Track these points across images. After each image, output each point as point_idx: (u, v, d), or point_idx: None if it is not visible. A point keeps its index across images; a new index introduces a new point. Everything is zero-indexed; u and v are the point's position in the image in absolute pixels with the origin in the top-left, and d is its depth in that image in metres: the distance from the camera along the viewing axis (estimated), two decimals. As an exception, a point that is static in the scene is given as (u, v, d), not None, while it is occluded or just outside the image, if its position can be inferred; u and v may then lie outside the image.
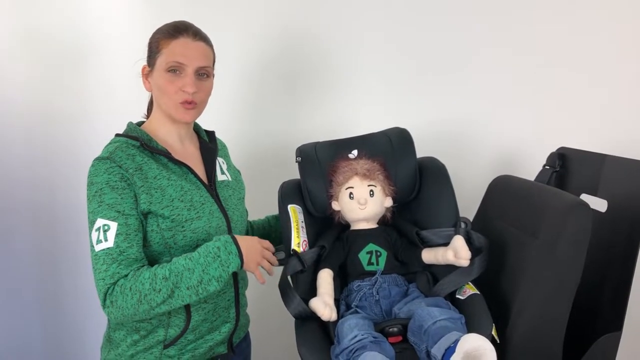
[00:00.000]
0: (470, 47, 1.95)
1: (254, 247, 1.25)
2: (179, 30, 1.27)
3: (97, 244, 1.18)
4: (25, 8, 1.92)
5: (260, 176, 1.71)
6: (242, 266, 1.21)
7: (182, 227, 1.25)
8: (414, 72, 1.97)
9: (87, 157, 1.90)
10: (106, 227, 1.18)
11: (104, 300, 1.18)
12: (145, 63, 1.32)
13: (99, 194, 1.19)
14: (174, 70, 1.26)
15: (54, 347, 2.14)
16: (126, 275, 1.17)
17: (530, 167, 1.69)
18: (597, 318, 1.32)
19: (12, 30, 1.94)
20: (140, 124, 1.37)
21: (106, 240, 1.17)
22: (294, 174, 1.48)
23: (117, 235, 1.18)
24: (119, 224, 1.18)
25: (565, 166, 1.57)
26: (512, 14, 1.94)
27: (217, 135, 1.48)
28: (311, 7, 1.94)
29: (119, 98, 1.96)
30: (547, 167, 1.59)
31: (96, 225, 1.19)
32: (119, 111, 1.91)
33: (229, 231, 1.33)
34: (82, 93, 1.97)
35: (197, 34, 1.29)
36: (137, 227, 1.21)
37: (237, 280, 1.37)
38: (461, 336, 1.02)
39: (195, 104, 1.28)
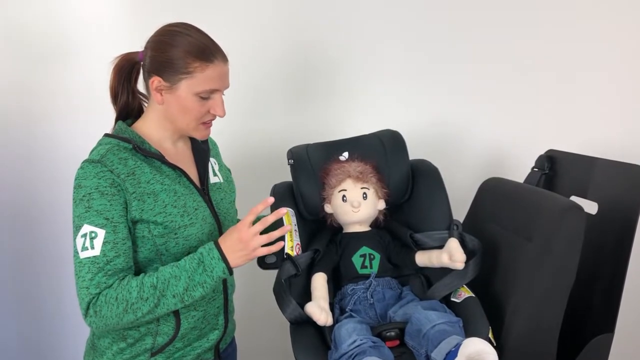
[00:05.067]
0: (461, 50, 1.97)
1: (235, 244, 1.17)
2: (211, 52, 1.21)
3: (82, 250, 1.14)
4: (4, 5, 1.87)
5: (251, 177, 1.70)
6: (230, 269, 1.17)
7: (175, 233, 1.22)
8: (406, 74, 1.98)
9: (65, 157, 1.88)
10: (93, 235, 1.14)
11: (87, 309, 1.14)
12: (155, 76, 1.22)
13: (87, 198, 1.15)
14: (207, 96, 1.23)
15: (31, 354, 2.08)
16: (111, 285, 1.14)
17: (518, 170, 1.71)
18: (590, 320, 1.34)
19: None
20: (130, 123, 1.32)
21: (92, 247, 1.13)
22: (285, 175, 1.47)
23: (104, 243, 1.14)
24: (106, 232, 1.14)
25: (554, 169, 1.59)
26: (503, 18, 1.96)
27: (210, 135, 1.44)
28: (306, 11, 1.94)
29: (99, 97, 1.87)
30: (536, 170, 1.61)
31: (82, 231, 1.14)
32: (99, 111, 1.86)
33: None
34: (61, 92, 1.93)
35: (225, 56, 1.25)
36: (125, 235, 1.17)
37: (227, 286, 1.35)
38: (462, 340, 1.02)
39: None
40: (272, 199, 1.23)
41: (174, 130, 1.29)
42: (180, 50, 1.19)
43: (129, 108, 1.32)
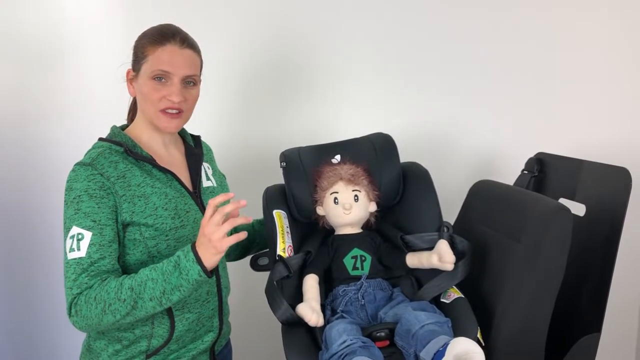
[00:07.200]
0: (452, 53, 1.98)
1: (203, 241, 1.11)
2: (165, 36, 1.23)
3: (69, 252, 1.16)
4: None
5: (243, 179, 1.70)
6: (206, 271, 1.11)
7: (166, 236, 1.23)
8: (397, 77, 1.99)
9: (61, 158, 1.88)
10: (80, 236, 1.15)
11: (70, 309, 1.16)
12: (129, 67, 1.29)
13: (77, 200, 1.17)
14: (160, 78, 1.22)
15: (27, 356, 2.07)
16: (92, 286, 1.15)
17: (508, 172, 1.72)
18: (577, 320, 1.35)
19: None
20: (124, 127, 1.33)
21: (79, 249, 1.15)
22: (277, 177, 1.47)
23: (90, 245, 1.15)
24: (93, 234, 1.16)
25: (544, 171, 1.60)
26: (494, 20, 1.97)
27: (201, 138, 1.46)
28: (297, 12, 1.94)
29: (94, 99, 1.92)
30: (526, 172, 1.62)
31: (71, 233, 1.16)
32: (95, 112, 1.91)
33: None
34: (57, 93, 1.93)
35: (185, 41, 1.25)
36: (112, 238, 1.18)
37: (221, 289, 1.36)
38: (450, 340, 1.03)
39: (181, 112, 1.26)
40: (244, 202, 1.13)
41: (154, 128, 1.29)
42: (141, 39, 1.26)
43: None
